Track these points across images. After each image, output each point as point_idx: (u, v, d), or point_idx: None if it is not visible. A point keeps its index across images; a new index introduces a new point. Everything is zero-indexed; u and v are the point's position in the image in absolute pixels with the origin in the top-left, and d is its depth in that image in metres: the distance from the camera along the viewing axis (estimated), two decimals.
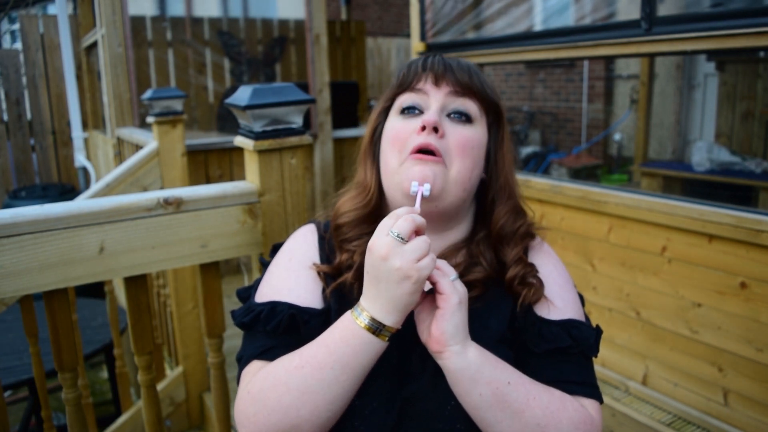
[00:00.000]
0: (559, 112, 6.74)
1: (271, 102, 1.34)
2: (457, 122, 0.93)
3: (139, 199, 1.30)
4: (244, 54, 5.04)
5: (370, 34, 7.97)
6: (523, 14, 2.86)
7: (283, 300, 0.94)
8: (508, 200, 0.97)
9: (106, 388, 3.76)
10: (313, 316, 0.93)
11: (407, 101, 0.95)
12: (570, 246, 2.42)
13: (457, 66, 0.95)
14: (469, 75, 0.94)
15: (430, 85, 0.94)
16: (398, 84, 0.98)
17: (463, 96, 0.94)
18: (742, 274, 1.88)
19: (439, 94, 0.93)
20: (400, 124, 0.94)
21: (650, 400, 2.19)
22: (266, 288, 0.98)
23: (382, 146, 0.97)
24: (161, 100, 2.81)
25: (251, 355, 0.92)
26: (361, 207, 0.98)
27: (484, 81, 0.96)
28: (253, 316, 0.93)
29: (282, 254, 1.03)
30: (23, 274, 1.19)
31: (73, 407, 1.36)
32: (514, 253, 0.95)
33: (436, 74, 0.94)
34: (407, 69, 0.97)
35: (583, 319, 0.95)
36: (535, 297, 0.92)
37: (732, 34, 1.81)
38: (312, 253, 1.00)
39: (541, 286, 0.93)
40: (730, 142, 4.24)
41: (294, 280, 0.97)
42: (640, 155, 4.87)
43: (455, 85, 0.93)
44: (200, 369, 2.63)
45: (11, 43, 9.87)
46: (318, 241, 1.02)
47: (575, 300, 0.96)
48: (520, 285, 0.93)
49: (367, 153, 1.02)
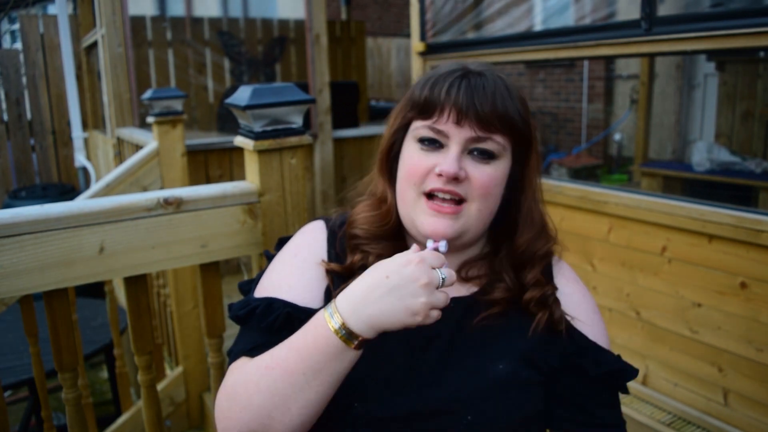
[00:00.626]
0: (559, 112, 6.74)
1: (271, 102, 1.34)
2: (479, 161, 0.88)
3: (139, 199, 1.30)
4: (244, 54, 5.04)
5: (370, 34, 7.97)
6: (523, 14, 2.86)
7: (282, 297, 0.92)
8: (533, 224, 0.95)
9: (106, 388, 3.76)
10: (309, 316, 0.90)
11: (426, 134, 0.89)
12: (570, 246, 2.42)
13: (482, 97, 0.86)
14: (494, 104, 0.86)
15: (452, 125, 0.86)
16: (419, 107, 0.90)
17: (486, 134, 0.87)
18: (742, 274, 1.88)
19: (461, 135, 0.86)
20: (418, 156, 0.89)
21: (650, 400, 2.19)
22: (267, 282, 0.96)
23: (399, 173, 0.94)
24: (161, 100, 2.81)
25: (241, 351, 0.90)
26: (380, 225, 0.96)
27: (510, 105, 0.88)
28: (248, 310, 0.91)
29: (288, 249, 1.00)
30: (23, 274, 1.19)
31: (73, 407, 1.36)
32: (532, 275, 0.93)
33: (458, 110, 0.86)
34: (430, 91, 0.89)
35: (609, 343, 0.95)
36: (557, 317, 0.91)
37: (732, 34, 1.81)
38: (320, 250, 0.98)
39: (558, 307, 0.92)
40: (730, 142, 4.24)
41: (296, 278, 0.94)
42: (640, 155, 4.87)
43: (478, 125, 0.86)
44: (200, 369, 2.63)
45: (11, 43, 9.87)
46: (328, 237, 0.99)
47: (604, 329, 0.96)
48: (536, 307, 0.91)
49: (383, 168, 0.98)
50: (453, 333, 0.90)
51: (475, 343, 0.90)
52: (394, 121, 0.96)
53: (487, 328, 0.91)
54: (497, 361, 0.88)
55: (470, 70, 0.89)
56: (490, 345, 0.90)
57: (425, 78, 0.92)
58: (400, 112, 0.95)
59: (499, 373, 0.87)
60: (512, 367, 0.88)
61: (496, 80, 0.89)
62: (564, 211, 2.42)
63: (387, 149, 0.96)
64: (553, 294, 0.93)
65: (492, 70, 0.91)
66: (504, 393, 0.84)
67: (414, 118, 0.91)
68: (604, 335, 0.94)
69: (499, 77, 0.90)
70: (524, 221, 0.94)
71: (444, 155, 0.87)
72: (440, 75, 0.89)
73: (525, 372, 0.88)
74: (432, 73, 0.92)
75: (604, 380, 0.89)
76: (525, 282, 0.93)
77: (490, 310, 0.91)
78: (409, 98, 0.93)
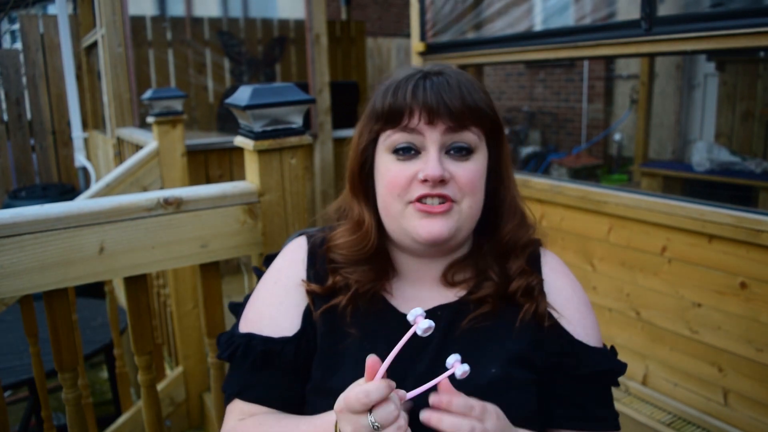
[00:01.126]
0: (559, 112, 6.74)
1: (271, 102, 1.34)
2: (459, 159, 0.86)
3: (139, 199, 1.30)
4: (244, 54, 5.04)
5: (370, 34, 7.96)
6: (523, 14, 2.86)
7: (262, 332, 0.94)
8: (515, 214, 0.94)
9: (106, 388, 3.76)
10: (286, 344, 0.93)
11: (400, 141, 0.86)
12: (570, 246, 2.42)
13: (449, 92, 0.84)
14: (462, 98, 0.84)
15: (424, 125, 0.84)
16: (385, 116, 0.87)
17: (461, 128, 0.85)
18: (742, 274, 1.88)
19: (436, 132, 0.84)
20: (396, 167, 0.86)
21: (650, 400, 2.19)
22: (251, 313, 0.98)
23: (378, 188, 0.91)
24: (161, 100, 2.81)
25: (232, 393, 0.95)
26: (358, 249, 0.94)
27: (477, 97, 0.87)
28: (231, 351, 0.95)
29: (269, 274, 1.01)
30: (23, 274, 1.19)
31: (73, 407, 1.36)
32: (517, 265, 0.93)
33: (429, 110, 0.83)
34: (393, 98, 0.86)
35: (601, 343, 0.95)
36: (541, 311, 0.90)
37: (732, 34, 1.81)
38: (299, 272, 0.98)
39: (544, 299, 0.92)
40: (730, 142, 4.24)
41: (276, 307, 0.96)
42: (640, 155, 4.87)
43: (451, 121, 0.84)
44: (200, 369, 2.63)
45: (11, 43, 9.87)
46: (308, 256, 0.99)
47: (595, 324, 0.95)
48: (523, 297, 0.91)
49: (357, 188, 0.94)
50: (443, 340, 0.90)
51: (466, 347, 0.89)
52: (359, 138, 0.92)
53: (478, 331, 0.90)
54: (490, 364, 0.88)
55: (427, 72, 0.88)
56: (482, 348, 0.89)
57: (383, 87, 0.89)
58: (365, 128, 0.91)
59: (493, 378, 0.87)
60: (505, 369, 0.87)
61: (458, 75, 0.88)
62: (564, 211, 2.42)
63: (358, 169, 0.93)
64: (539, 284, 0.93)
65: (450, 67, 0.90)
66: (500, 396, 0.84)
67: (382, 130, 0.88)
68: (594, 330, 0.94)
69: (460, 72, 0.89)
70: (507, 210, 0.94)
71: (423, 160, 0.85)
72: (400, 80, 0.87)
73: (518, 373, 0.88)
74: (389, 81, 0.89)
75: (590, 378, 0.90)
76: (510, 273, 0.92)
77: (479, 310, 0.91)
78: (371, 111, 0.90)
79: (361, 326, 0.92)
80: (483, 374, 0.87)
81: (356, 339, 0.91)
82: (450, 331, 0.91)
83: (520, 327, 0.90)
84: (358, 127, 0.94)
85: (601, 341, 0.95)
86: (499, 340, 0.90)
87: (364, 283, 0.92)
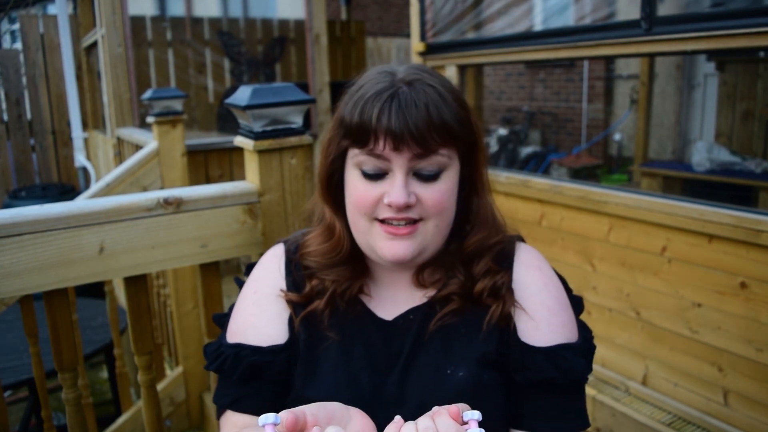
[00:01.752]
0: (559, 112, 6.74)
1: (271, 102, 1.34)
2: (426, 181, 0.84)
3: (139, 199, 1.30)
4: (244, 54, 5.04)
5: (370, 34, 7.97)
6: (523, 14, 2.86)
7: (248, 342, 0.93)
8: (485, 224, 0.93)
9: (106, 388, 3.76)
10: (276, 353, 0.92)
11: (367, 166, 0.84)
12: (570, 246, 2.42)
13: (416, 115, 0.80)
14: (429, 121, 0.80)
15: (390, 151, 0.81)
16: (352, 135, 0.84)
17: (428, 153, 0.82)
18: (742, 274, 1.88)
19: (402, 159, 0.82)
20: (363, 187, 0.85)
21: (650, 400, 2.19)
22: (234, 325, 0.97)
23: (347, 201, 0.90)
24: (161, 100, 2.81)
25: (223, 405, 0.94)
26: (332, 255, 0.93)
27: (448, 115, 0.82)
28: (219, 363, 0.94)
29: (248, 285, 1.00)
30: (23, 274, 1.19)
31: (73, 407, 1.36)
32: (482, 264, 0.91)
33: (394, 137, 0.80)
34: (359, 117, 0.82)
35: (575, 338, 0.90)
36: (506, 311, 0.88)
37: (732, 34, 1.81)
38: (277, 281, 0.97)
39: (511, 297, 0.89)
40: (730, 142, 4.24)
41: (258, 317, 0.95)
42: (640, 155, 4.87)
43: (417, 146, 0.81)
44: (200, 369, 2.63)
45: (11, 43, 9.86)
46: (285, 265, 0.98)
47: (566, 322, 0.90)
48: (490, 297, 0.89)
49: (326, 196, 0.93)
50: (413, 345, 0.89)
51: (435, 351, 0.88)
52: (328, 147, 0.91)
53: (446, 331, 0.89)
54: (458, 367, 0.87)
55: (398, 83, 0.83)
56: (449, 350, 0.88)
57: (353, 99, 0.86)
58: (334, 138, 0.89)
59: (460, 381, 0.86)
60: (473, 371, 0.86)
61: (427, 89, 0.83)
62: (564, 211, 2.42)
63: (327, 178, 0.92)
64: (505, 283, 0.90)
65: (422, 76, 0.85)
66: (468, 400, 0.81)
67: (349, 146, 0.86)
68: (566, 326, 0.89)
69: (430, 85, 0.84)
70: (478, 221, 0.92)
71: (390, 182, 0.83)
72: (368, 97, 0.83)
73: (486, 374, 0.86)
74: (359, 93, 0.85)
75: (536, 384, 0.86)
76: (475, 273, 0.90)
77: (446, 308, 0.89)
78: (340, 122, 0.87)
79: (339, 329, 0.92)
80: (451, 378, 0.86)
81: (334, 342, 0.91)
82: (420, 336, 0.90)
83: (488, 328, 0.89)
84: (327, 131, 0.92)
85: (576, 337, 0.90)
86: (467, 342, 0.89)
87: (341, 282, 0.92)
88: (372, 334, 0.91)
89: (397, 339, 0.91)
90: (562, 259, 2.44)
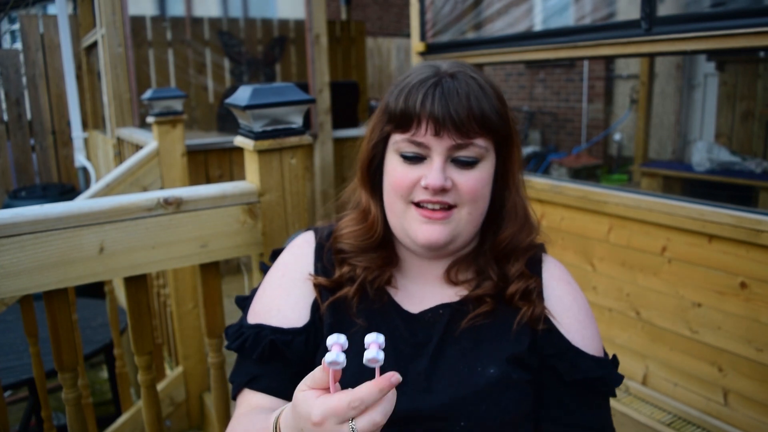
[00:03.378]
0: (559, 112, 6.74)
1: (271, 102, 1.34)
2: (463, 168, 0.87)
3: (139, 199, 1.30)
4: (244, 54, 5.04)
5: (370, 34, 7.97)
6: (523, 14, 2.86)
7: (270, 322, 0.95)
8: (517, 218, 0.95)
9: (106, 388, 3.76)
10: (296, 335, 0.93)
11: (407, 150, 0.88)
12: (570, 246, 2.42)
13: (457, 103, 0.85)
14: (469, 109, 0.85)
15: (431, 137, 0.86)
16: (395, 120, 0.89)
17: (467, 141, 0.86)
18: (742, 274, 1.88)
19: (442, 145, 0.86)
20: (402, 169, 0.89)
21: (650, 400, 2.19)
22: (258, 305, 0.99)
23: (384, 184, 0.94)
24: (161, 100, 2.81)
25: (240, 383, 0.95)
26: (365, 239, 0.96)
27: (487, 106, 0.87)
28: (240, 342, 0.95)
29: (276, 268, 1.02)
30: (23, 274, 1.19)
31: (73, 407, 1.36)
32: (516, 267, 0.93)
33: (435, 121, 0.85)
34: (404, 104, 0.87)
35: (602, 353, 0.94)
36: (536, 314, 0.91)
37: (732, 34, 1.81)
38: (306, 266, 1.00)
39: (541, 303, 0.92)
40: (730, 142, 4.24)
41: (283, 299, 0.97)
42: (640, 155, 4.87)
43: (457, 133, 0.85)
44: (200, 369, 2.63)
45: (11, 43, 9.86)
46: (315, 251, 1.01)
47: (594, 335, 0.94)
48: (521, 300, 0.92)
49: (365, 180, 0.97)
50: (442, 338, 0.91)
51: (465, 347, 0.90)
52: (371, 133, 0.95)
53: (477, 330, 0.91)
54: (488, 364, 0.88)
55: (442, 74, 0.88)
56: (480, 348, 0.90)
57: (398, 87, 0.90)
58: (377, 125, 0.93)
59: (490, 378, 0.87)
60: (503, 369, 0.88)
61: (469, 81, 0.87)
62: (564, 211, 2.42)
63: (367, 162, 0.96)
64: (537, 288, 0.93)
65: (465, 69, 0.90)
66: (496, 396, 0.85)
67: (392, 132, 0.90)
68: (594, 339, 0.93)
69: (472, 77, 0.88)
70: (509, 216, 0.95)
71: (428, 166, 0.87)
72: (413, 85, 0.88)
73: (515, 373, 0.88)
74: (404, 82, 0.90)
75: (581, 384, 0.89)
76: (509, 275, 0.93)
77: (478, 309, 0.91)
78: (385, 109, 0.92)
79: (366, 316, 0.94)
80: (482, 373, 0.88)
81: (361, 329, 0.92)
82: (450, 331, 0.91)
83: (518, 329, 0.91)
84: (371, 120, 0.96)
85: (602, 351, 0.95)
86: (497, 340, 0.91)
87: (372, 269, 0.95)
88: (397, 324, 0.93)
89: (422, 330, 0.92)
90: (562, 259, 2.43)
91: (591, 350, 0.92)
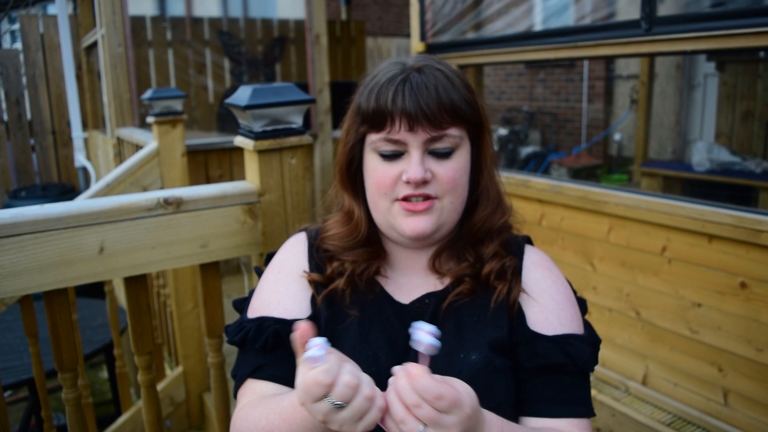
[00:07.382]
0: (559, 112, 6.74)
1: (271, 102, 1.34)
2: (441, 158, 0.90)
3: (139, 199, 1.30)
4: (244, 54, 5.04)
5: (370, 34, 7.97)
6: (523, 14, 2.86)
7: (271, 314, 0.97)
8: (489, 200, 0.97)
9: (106, 388, 3.76)
10: None
11: (384, 148, 0.90)
12: (570, 246, 2.42)
13: (427, 96, 0.87)
14: (439, 102, 0.87)
15: (406, 133, 0.88)
16: (369, 120, 0.90)
17: (440, 132, 0.88)
18: (742, 274, 1.88)
19: (417, 139, 0.88)
20: (382, 168, 0.91)
21: (650, 400, 2.19)
22: (257, 302, 1.01)
23: (366, 184, 0.95)
24: (161, 100, 2.81)
25: (244, 374, 0.96)
26: (350, 239, 0.98)
27: (456, 96, 0.89)
28: (242, 335, 0.97)
29: (272, 266, 1.05)
30: (23, 274, 1.19)
31: (73, 407, 1.36)
32: (490, 248, 0.96)
33: (409, 117, 0.86)
34: (375, 102, 0.89)
35: (582, 331, 0.94)
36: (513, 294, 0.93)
37: (732, 34, 1.81)
38: (301, 263, 1.02)
39: (518, 283, 0.94)
40: (730, 142, 4.24)
41: (282, 293, 0.99)
42: (640, 155, 4.87)
43: (430, 126, 0.87)
44: (200, 369, 2.63)
45: (11, 43, 9.86)
46: (308, 249, 1.03)
47: (573, 316, 0.95)
48: (497, 280, 0.94)
49: (346, 182, 0.99)
50: None
51: (448, 333, 0.92)
52: (347, 136, 0.96)
53: (459, 317, 0.93)
54: (470, 351, 0.90)
55: (409, 69, 0.90)
56: (462, 335, 0.92)
57: (368, 87, 0.92)
58: (352, 126, 0.95)
59: (473, 364, 0.89)
60: (485, 355, 0.90)
61: (436, 73, 0.89)
62: (564, 211, 2.42)
63: (346, 165, 0.97)
64: (512, 267, 0.95)
65: (430, 62, 0.92)
66: (480, 383, 0.85)
67: (367, 132, 0.92)
68: (572, 320, 0.94)
69: (438, 69, 0.90)
70: (482, 199, 0.97)
71: (407, 161, 0.89)
72: (382, 83, 0.89)
73: (497, 359, 0.90)
74: (373, 81, 0.92)
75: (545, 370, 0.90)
76: (484, 255, 0.96)
77: (457, 289, 0.93)
78: (357, 111, 0.93)
79: (359, 307, 0.96)
80: (464, 360, 0.90)
81: (355, 320, 0.95)
82: (435, 319, 0.94)
83: (497, 313, 0.93)
84: (345, 122, 0.98)
85: (581, 327, 0.95)
86: (479, 325, 0.93)
87: (359, 263, 0.97)
88: (390, 316, 0.95)
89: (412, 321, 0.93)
90: (562, 259, 2.44)
91: (568, 329, 0.92)
